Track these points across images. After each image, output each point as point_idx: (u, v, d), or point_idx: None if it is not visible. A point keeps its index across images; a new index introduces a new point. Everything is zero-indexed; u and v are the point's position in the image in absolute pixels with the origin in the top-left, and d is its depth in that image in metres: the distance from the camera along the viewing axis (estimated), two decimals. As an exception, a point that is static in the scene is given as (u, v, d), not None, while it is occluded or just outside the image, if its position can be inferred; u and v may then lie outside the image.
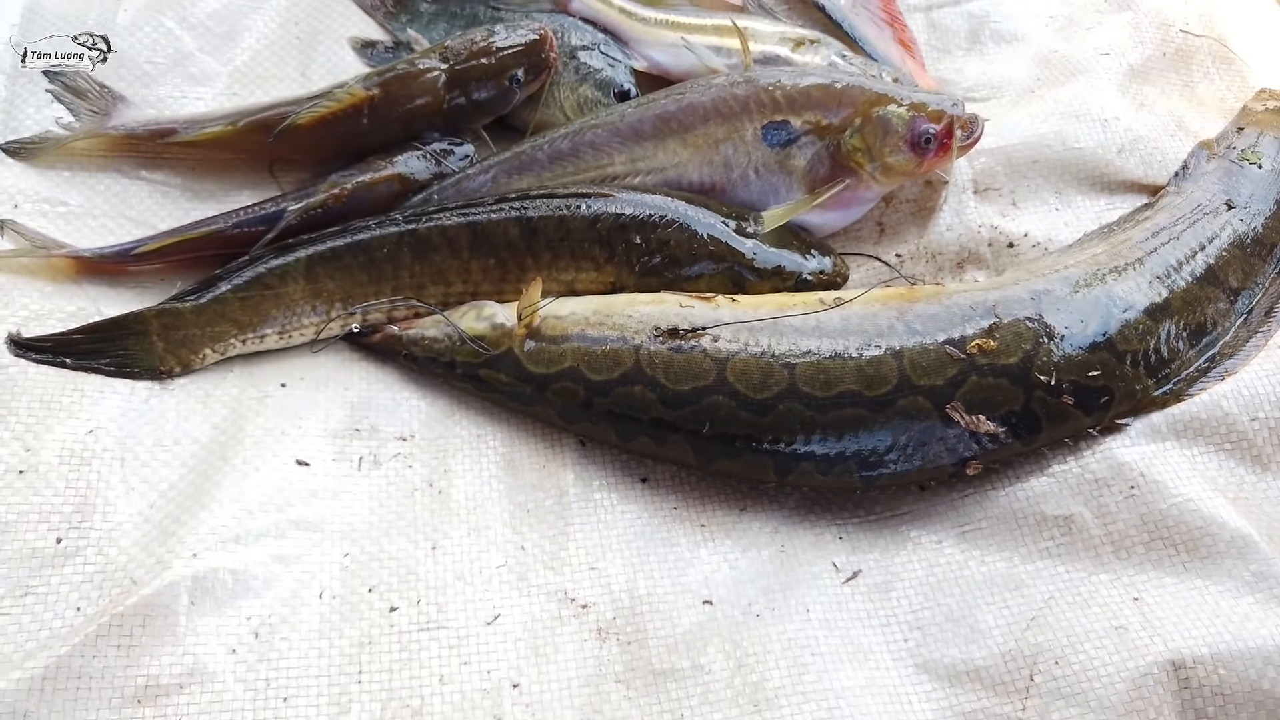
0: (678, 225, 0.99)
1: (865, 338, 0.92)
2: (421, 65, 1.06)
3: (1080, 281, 0.96)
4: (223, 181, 1.08)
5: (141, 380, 0.93)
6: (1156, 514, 0.89)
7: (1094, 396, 0.91)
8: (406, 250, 0.99)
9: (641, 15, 1.13)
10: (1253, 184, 1.06)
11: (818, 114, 1.03)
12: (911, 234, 1.08)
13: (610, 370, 0.92)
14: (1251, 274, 1.00)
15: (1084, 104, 1.12)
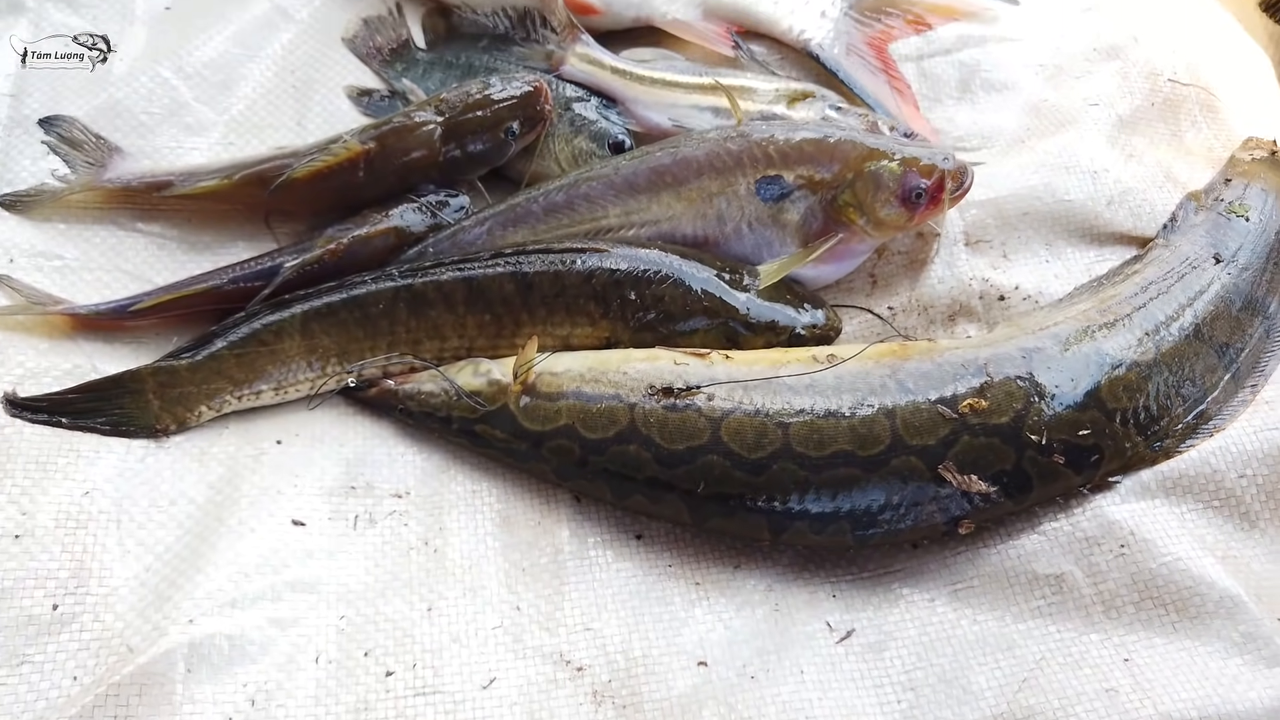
0: (672, 281, 1.00)
1: (858, 396, 0.93)
2: (417, 118, 1.06)
3: (1070, 339, 0.97)
4: (219, 233, 1.08)
5: (137, 439, 0.94)
6: (1146, 573, 0.90)
7: (1084, 455, 0.92)
8: (402, 306, 0.99)
9: (636, 74, 1.14)
10: (1240, 237, 1.07)
11: (810, 169, 1.04)
12: (904, 286, 1.09)
13: (605, 429, 0.93)
14: (1239, 329, 1.02)
15: (1073, 155, 1.13)
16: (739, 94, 1.11)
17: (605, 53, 1.16)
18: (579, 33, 1.16)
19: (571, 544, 0.95)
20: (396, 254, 1.05)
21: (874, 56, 1.19)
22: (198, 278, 1.01)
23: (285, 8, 1.21)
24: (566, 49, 1.15)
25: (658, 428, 0.92)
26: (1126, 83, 1.20)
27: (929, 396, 0.92)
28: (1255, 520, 0.94)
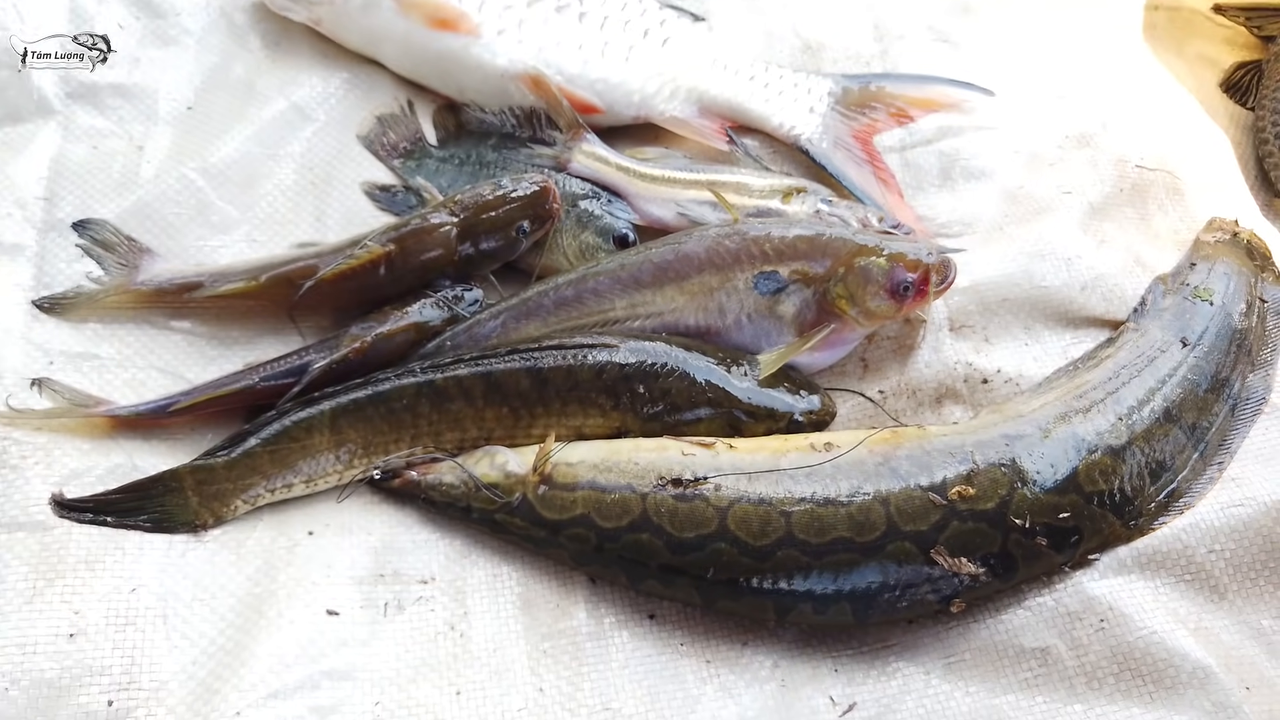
0: (678, 374, 1.07)
1: (854, 484, 0.99)
2: (434, 220, 1.13)
3: (1049, 425, 1.04)
4: (246, 328, 1.14)
5: (178, 534, 0.99)
6: (1125, 646, 0.97)
7: (1065, 536, 1.00)
8: (425, 401, 1.05)
9: (640, 172, 1.21)
10: (1205, 320, 1.15)
11: (804, 264, 1.11)
12: (893, 370, 1.16)
13: (619, 518, 0.99)
14: (1206, 409, 1.09)
15: (1049, 243, 1.21)
16: (736, 190, 1.19)
17: (609, 150, 1.23)
18: (584, 131, 1.23)
19: (589, 625, 1.01)
20: (417, 348, 1.11)
21: (860, 149, 1.27)
22: (231, 377, 1.06)
23: (303, 107, 1.27)
24: (573, 147, 1.22)
25: (668, 517, 0.98)
26: (1097, 170, 1.28)
27: (920, 483, 0.99)
28: (1224, 593, 1.01)
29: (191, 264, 1.15)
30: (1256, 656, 0.98)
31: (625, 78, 1.26)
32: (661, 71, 1.27)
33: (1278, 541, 1.02)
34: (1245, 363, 1.13)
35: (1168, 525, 1.03)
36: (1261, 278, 1.20)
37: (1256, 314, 1.16)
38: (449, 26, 1.25)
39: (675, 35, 1.30)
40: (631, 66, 1.27)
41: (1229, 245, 1.23)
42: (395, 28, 1.27)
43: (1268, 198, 1.39)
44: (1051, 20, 1.42)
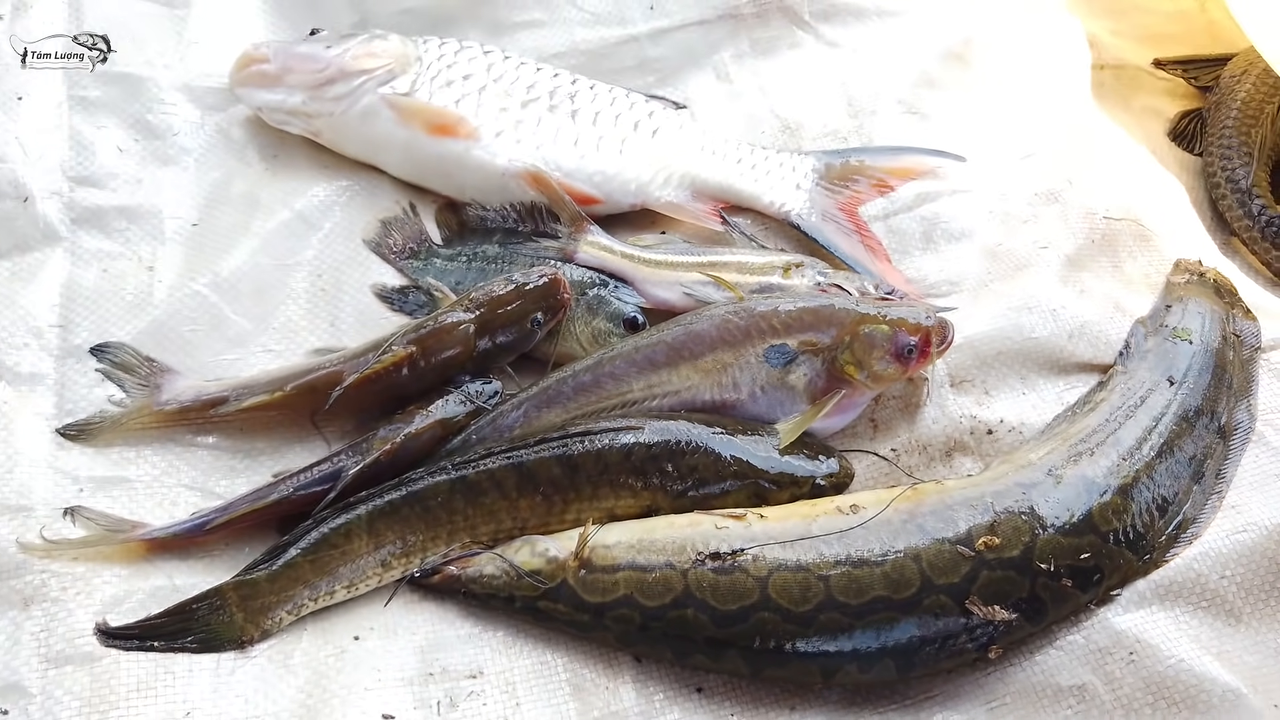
0: (703, 450, 1.10)
1: (885, 544, 1.03)
2: (452, 318, 1.16)
3: (1058, 470, 1.10)
4: (271, 438, 1.15)
5: (225, 652, 0.99)
6: (1156, 676, 1.01)
7: (1088, 575, 1.04)
8: (459, 496, 1.07)
9: (643, 258, 1.26)
10: (1187, 359, 1.21)
11: (812, 335, 1.16)
12: (902, 428, 1.21)
13: (663, 596, 1.02)
14: (1200, 442, 1.15)
15: (1033, 296, 1.27)
16: (737, 268, 1.25)
17: (613, 239, 1.28)
18: (586, 222, 1.28)
19: (639, 704, 1.02)
20: (443, 444, 1.13)
21: (847, 220, 1.33)
22: (264, 489, 1.08)
23: (308, 216, 1.30)
24: (577, 238, 1.27)
25: (710, 591, 1.01)
26: (1068, 224, 1.36)
27: (947, 537, 1.04)
28: (1240, 616, 1.06)
29: (212, 379, 1.16)
30: (1278, 673, 1.03)
31: (621, 168, 1.32)
32: (654, 160, 1.34)
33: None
34: (1229, 395, 1.19)
35: (1179, 556, 1.08)
36: (1232, 313, 1.28)
37: (1232, 348, 1.23)
38: (448, 132, 1.30)
39: (663, 125, 1.36)
40: (625, 158, 1.33)
41: (1198, 285, 1.31)
42: (395, 136, 1.31)
43: (1225, 236, 1.48)
44: (1009, 87, 1.51)
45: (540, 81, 1.37)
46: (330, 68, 1.33)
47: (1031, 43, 1.57)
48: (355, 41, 1.36)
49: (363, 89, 1.32)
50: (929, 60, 1.52)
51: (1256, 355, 1.25)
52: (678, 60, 1.53)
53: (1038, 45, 1.57)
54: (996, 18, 1.58)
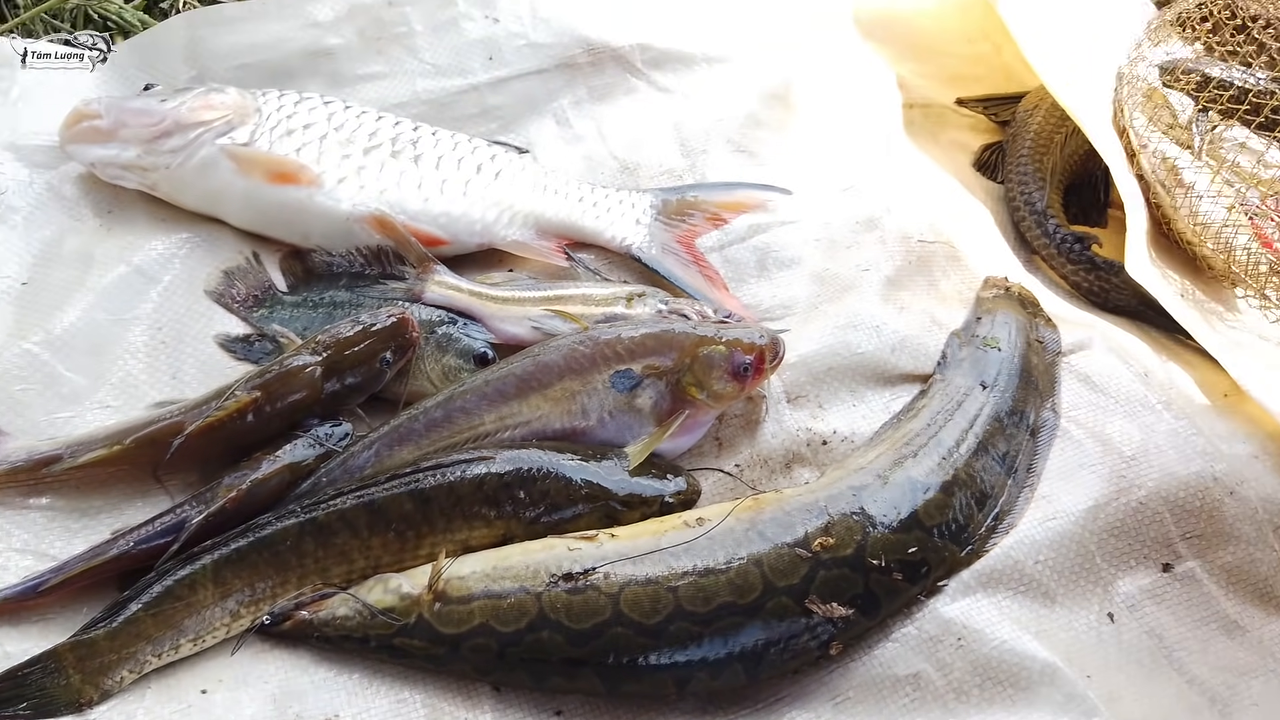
0: (554, 476, 1.13)
1: (729, 552, 1.08)
2: (297, 362, 1.16)
3: (886, 473, 1.17)
4: (109, 496, 1.12)
5: (63, 717, 0.96)
6: (982, 658, 1.09)
7: (916, 569, 1.11)
8: (308, 538, 1.07)
9: (491, 295, 1.29)
10: (997, 365, 1.32)
11: (654, 359, 1.22)
12: (744, 444, 1.27)
13: (518, 621, 1.04)
14: (1013, 439, 1.25)
15: (857, 315, 1.36)
16: (582, 301, 1.29)
17: (460, 278, 1.31)
18: (433, 264, 1.30)
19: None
20: (293, 488, 1.13)
21: (685, 252, 1.40)
22: (103, 546, 1.05)
23: (146, 270, 1.29)
24: (425, 279, 1.29)
25: (565, 612, 1.04)
26: (886, 248, 1.46)
27: (786, 541, 1.09)
28: (1054, 597, 1.15)
29: (45, 439, 1.13)
30: (1090, 647, 1.12)
31: (465, 210, 1.36)
32: (498, 201, 1.38)
33: (1088, 545, 1.17)
34: (1036, 396, 1.30)
35: (998, 545, 1.16)
36: (1035, 322, 1.39)
37: (1036, 353, 1.35)
38: (290, 180, 1.31)
39: (506, 168, 1.41)
40: (470, 199, 1.36)
41: (1004, 298, 1.43)
42: (235, 186, 1.32)
43: (1027, 255, 1.61)
44: (828, 126, 1.62)
45: (382, 129, 1.40)
46: (166, 121, 1.33)
47: (846, 85, 1.70)
48: (191, 95, 1.36)
49: (200, 141, 1.32)
50: (754, 103, 1.62)
51: (1059, 359, 1.36)
52: (518, 107, 1.59)
53: (852, 87, 1.70)
54: (814, 63, 1.70)
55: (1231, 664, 1.14)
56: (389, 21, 1.62)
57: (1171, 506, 1.20)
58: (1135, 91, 1.61)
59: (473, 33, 1.63)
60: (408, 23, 1.62)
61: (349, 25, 1.60)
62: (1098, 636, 1.13)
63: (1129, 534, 1.19)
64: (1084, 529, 1.18)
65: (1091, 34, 1.72)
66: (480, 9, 1.65)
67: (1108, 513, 1.19)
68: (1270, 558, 1.20)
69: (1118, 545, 1.18)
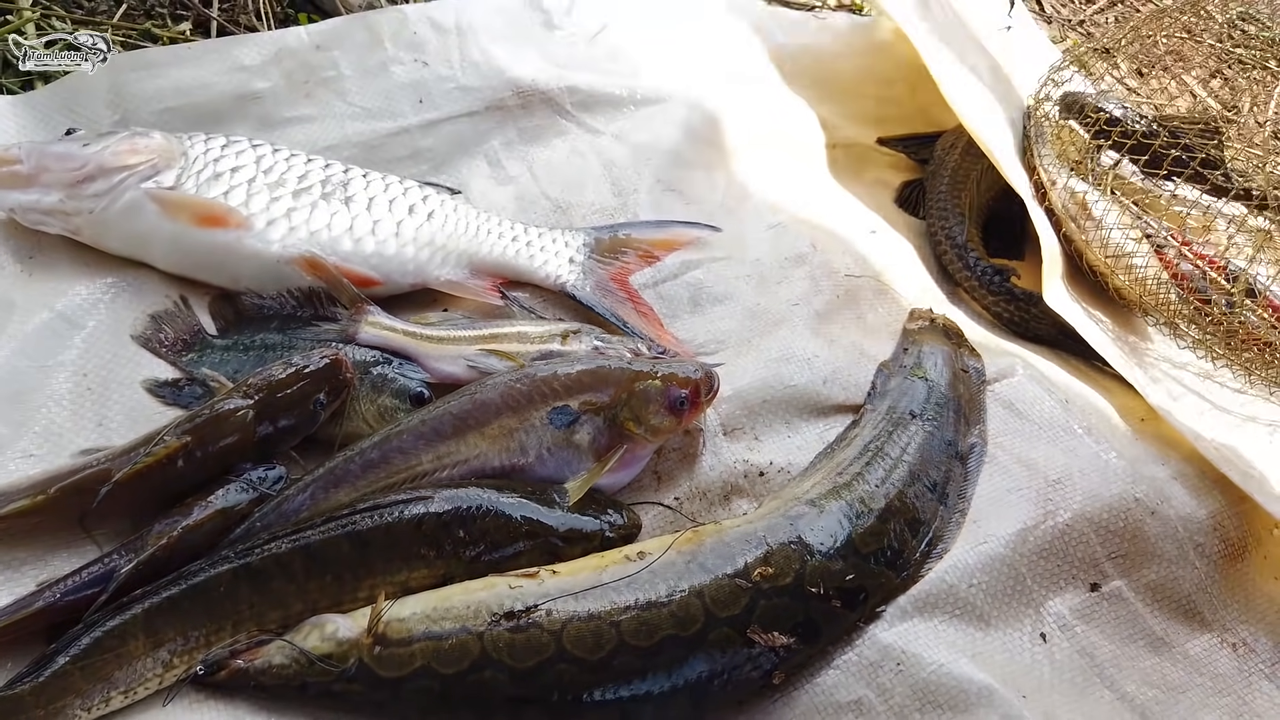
0: (494, 514, 1.13)
1: (670, 584, 1.09)
2: (229, 405, 1.14)
3: (821, 501, 1.19)
4: (34, 547, 1.09)
5: (-16, 780, 0.92)
6: (921, 682, 1.11)
7: (854, 596, 1.13)
8: (243, 584, 1.05)
9: (426, 334, 1.29)
10: (924, 394, 1.36)
11: (591, 395, 1.23)
12: (683, 477, 1.28)
13: (460, 662, 1.02)
14: (942, 467, 1.28)
15: (789, 349, 1.39)
16: (517, 339, 1.30)
17: (394, 319, 1.30)
18: (366, 304, 1.30)
19: (443, 776, 1.02)
20: (225, 535, 1.11)
21: (619, 289, 1.42)
22: (27, 599, 1.01)
23: (70, 315, 1.26)
24: (358, 320, 1.29)
25: (507, 650, 1.03)
26: (815, 282, 1.50)
27: (726, 572, 1.10)
28: (988, 619, 1.18)
29: (-39, 491, 1.09)
30: (1023, 667, 1.15)
31: (398, 250, 1.36)
32: (431, 241, 1.38)
33: (1018, 567, 1.21)
34: (963, 423, 1.34)
35: (932, 570, 1.19)
36: (960, 352, 1.44)
37: (962, 382, 1.39)
38: (218, 223, 1.30)
39: (438, 209, 1.41)
40: (402, 240, 1.36)
41: (929, 330, 1.47)
42: (161, 230, 1.30)
43: (950, 287, 1.66)
44: (755, 165, 1.66)
45: (312, 171, 1.39)
46: (89, 165, 1.30)
47: (771, 126, 1.75)
48: (115, 139, 1.34)
49: (124, 185, 1.30)
50: (682, 143, 1.65)
51: (984, 387, 1.41)
52: (449, 149, 1.60)
53: (778, 127, 1.75)
54: (739, 105, 1.75)
55: (1160, 680, 1.18)
56: (317, 65, 1.62)
57: (1096, 528, 1.25)
58: (1042, 128, 1.69)
59: (402, 76, 1.64)
60: (336, 66, 1.63)
61: (275, 69, 1.60)
62: (1031, 657, 1.16)
63: (1057, 555, 1.23)
64: (1014, 552, 1.22)
65: (1005, 73, 1.80)
66: (409, 52, 1.67)
67: (1036, 535, 1.23)
68: (1192, 575, 1.25)
69: (1046, 566, 1.22)
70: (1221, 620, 1.25)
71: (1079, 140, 1.70)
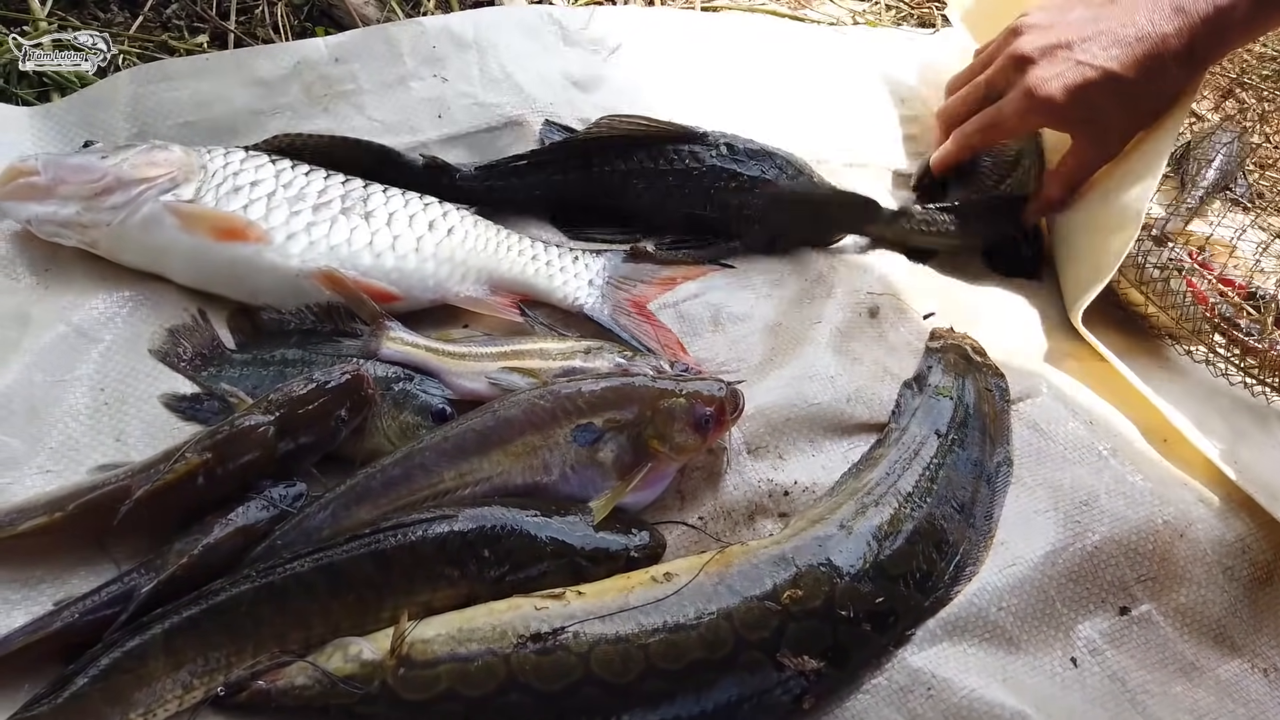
0: (518, 533, 1.11)
1: (698, 607, 1.07)
2: (250, 421, 1.13)
3: (849, 523, 1.18)
4: (51, 565, 1.07)
5: (0, 804, 0.90)
6: (953, 707, 1.09)
7: (884, 619, 1.12)
8: (265, 604, 1.03)
9: (448, 351, 1.27)
10: (949, 413, 1.34)
11: (615, 413, 1.21)
12: (707, 497, 1.27)
13: (486, 684, 1.00)
14: (969, 487, 1.27)
15: (812, 367, 1.38)
16: (539, 356, 1.29)
17: (415, 334, 1.29)
18: (386, 319, 1.28)
19: (468, 801, 1.00)
20: (246, 553, 1.09)
21: (637, 313, 1.40)
22: (45, 619, 0.99)
23: (86, 330, 1.24)
24: (379, 335, 1.27)
25: (534, 673, 1.01)
26: (835, 301, 1.49)
27: (755, 594, 1.09)
28: (1018, 643, 1.16)
29: (-21, 507, 1.07)
30: (1056, 693, 1.13)
31: (418, 265, 1.34)
32: (451, 257, 1.37)
33: (1047, 590, 1.19)
34: (989, 443, 1.33)
35: (961, 593, 1.18)
36: (983, 371, 1.43)
37: (987, 401, 1.38)
38: (237, 236, 1.28)
39: (458, 224, 1.40)
40: (422, 255, 1.35)
41: (952, 348, 1.46)
42: (180, 243, 1.28)
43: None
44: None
45: (331, 186, 1.38)
46: (107, 177, 1.29)
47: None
48: (134, 151, 1.33)
49: (143, 197, 1.29)
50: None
51: (1009, 406, 1.40)
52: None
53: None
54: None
55: (1192, 706, 1.16)
56: (335, 78, 1.62)
57: (1125, 550, 1.23)
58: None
59: (421, 91, 1.64)
60: (355, 79, 1.63)
61: (295, 82, 1.59)
62: (1062, 682, 1.15)
63: (1086, 578, 1.21)
64: (1043, 574, 1.20)
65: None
66: (428, 67, 1.66)
67: (1064, 558, 1.22)
68: (1222, 599, 1.24)
69: (1075, 590, 1.20)
70: (1252, 645, 1.24)
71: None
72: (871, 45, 2.02)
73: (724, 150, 1.56)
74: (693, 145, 1.56)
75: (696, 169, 1.55)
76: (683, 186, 1.54)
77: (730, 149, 1.57)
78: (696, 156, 1.55)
